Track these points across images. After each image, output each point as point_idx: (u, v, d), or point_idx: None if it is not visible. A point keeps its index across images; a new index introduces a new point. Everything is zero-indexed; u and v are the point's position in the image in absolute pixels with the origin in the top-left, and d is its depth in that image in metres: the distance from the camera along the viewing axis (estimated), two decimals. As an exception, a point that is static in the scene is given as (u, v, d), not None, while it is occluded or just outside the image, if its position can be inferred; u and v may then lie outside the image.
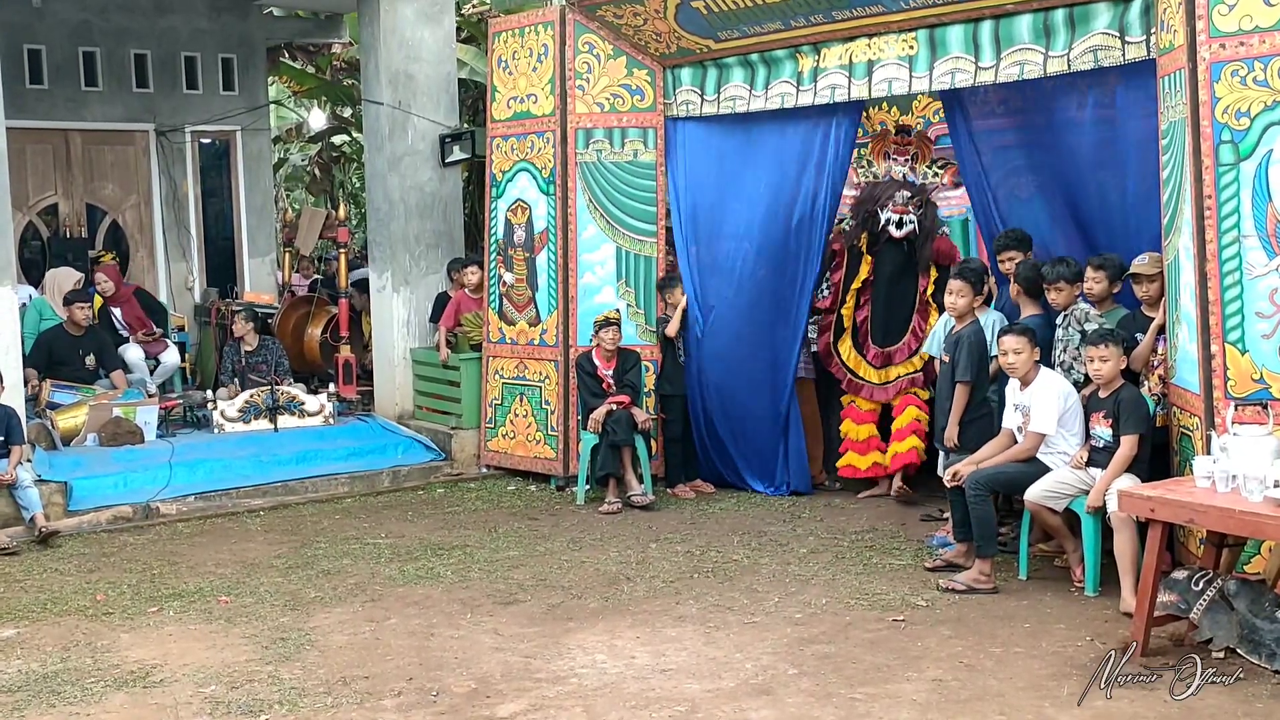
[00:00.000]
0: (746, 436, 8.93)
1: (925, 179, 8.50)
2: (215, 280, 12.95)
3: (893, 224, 8.30)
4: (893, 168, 8.47)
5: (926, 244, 8.36)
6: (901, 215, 8.30)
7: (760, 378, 8.79)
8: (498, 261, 9.56)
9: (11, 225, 8.97)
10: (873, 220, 8.37)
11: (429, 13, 10.32)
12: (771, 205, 8.65)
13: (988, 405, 7.08)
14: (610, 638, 5.87)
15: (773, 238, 8.65)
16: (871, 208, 8.38)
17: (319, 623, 6.19)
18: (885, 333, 8.56)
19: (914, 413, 8.44)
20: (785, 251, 8.60)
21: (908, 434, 8.44)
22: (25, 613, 6.46)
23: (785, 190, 8.56)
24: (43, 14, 11.59)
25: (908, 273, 8.47)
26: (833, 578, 6.74)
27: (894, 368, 8.54)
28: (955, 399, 7.06)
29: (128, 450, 9.22)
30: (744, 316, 8.83)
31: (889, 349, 8.55)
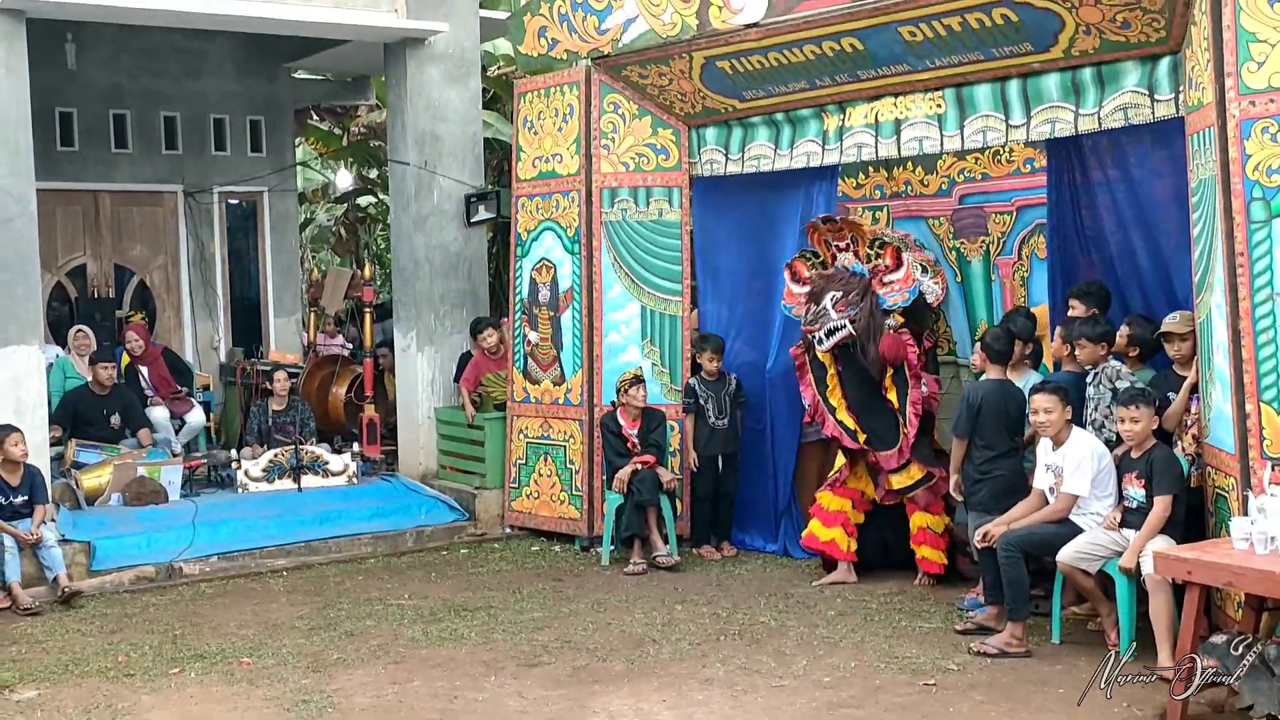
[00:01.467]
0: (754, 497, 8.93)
1: (870, 261, 7.75)
2: (241, 340, 13.00)
3: (815, 340, 7.70)
4: (839, 256, 7.89)
5: (869, 344, 7.57)
6: (824, 328, 7.62)
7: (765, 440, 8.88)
8: (523, 321, 9.56)
9: (40, 286, 9.02)
10: (814, 341, 7.83)
11: (455, 74, 10.40)
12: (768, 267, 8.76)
13: (1006, 464, 6.96)
14: (636, 700, 5.78)
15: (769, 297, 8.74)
16: (805, 329, 7.85)
17: (341, 684, 6.12)
18: (867, 428, 7.84)
19: (922, 519, 7.80)
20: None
21: (920, 543, 7.83)
22: (47, 674, 6.42)
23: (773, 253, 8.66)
24: (75, 77, 11.74)
25: (859, 368, 7.75)
26: (861, 640, 6.64)
27: (894, 477, 7.78)
28: (952, 452, 7.11)
29: (151, 510, 9.21)
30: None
31: (881, 455, 7.80)
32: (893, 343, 7.56)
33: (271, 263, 13.14)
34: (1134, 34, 6.44)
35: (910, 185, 8.98)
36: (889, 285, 7.61)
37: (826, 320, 7.65)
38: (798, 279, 8.10)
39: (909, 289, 7.62)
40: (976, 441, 6.94)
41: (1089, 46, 6.64)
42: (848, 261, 7.85)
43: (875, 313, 7.57)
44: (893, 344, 7.56)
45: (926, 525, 7.81)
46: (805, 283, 8.02)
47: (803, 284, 8.04)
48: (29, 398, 8.68)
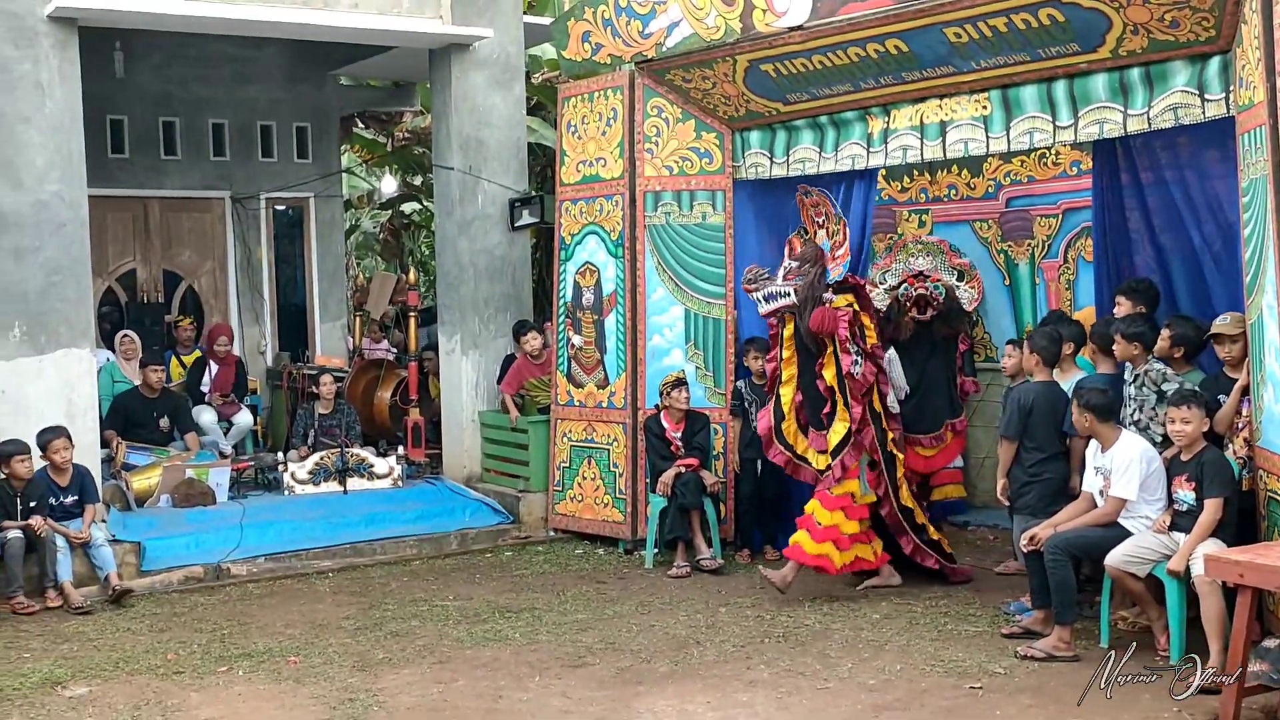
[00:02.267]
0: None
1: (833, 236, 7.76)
2: (287, 344, 13.11)
3: (762, 299, 7.58)
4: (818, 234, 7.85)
5: (803, 316, 7.49)
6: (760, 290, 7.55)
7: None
8: (566, 324, 9.59)
9: (91, 290, 9.14)
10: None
11: (500, 79, 10.46)
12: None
13: (1055, 467, 6.93)
14: (680, 702, 5.78)
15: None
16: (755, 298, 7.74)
17: (387, 684, 6.16)
18: (811, 413, 7.77)
19: (812, 505, 7.66)
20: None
21: (800, 526, 7.68)
22: (98, 671, 6.49)
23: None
24: (125, 85, 11.88)
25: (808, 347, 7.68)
26: (907, 644, 6.60)
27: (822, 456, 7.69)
28: (1000, 455, 7.04)
29: (200, 511, 9.31)
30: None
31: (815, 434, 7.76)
32: (822, 315, 7.45)
33: (317, 268, 13.25)
34: (1183, 33, 6.38)
35: (955, 189, 8.96)
36: (836, 260, 7.67)
37: (767, 285, 7.61)
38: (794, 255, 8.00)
39: (844, 263, 7.66)
40: (1026, 444, 6.90)
41: (1137, 46, 6.58)
42: (822, 238, 7.87)
43: (817, 285, 7.51)
44: (821, 316, 7.44)
45: (813, 509, 7.61)
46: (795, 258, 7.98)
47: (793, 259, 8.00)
48: (80, 400, 8.80)
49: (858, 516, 7.64)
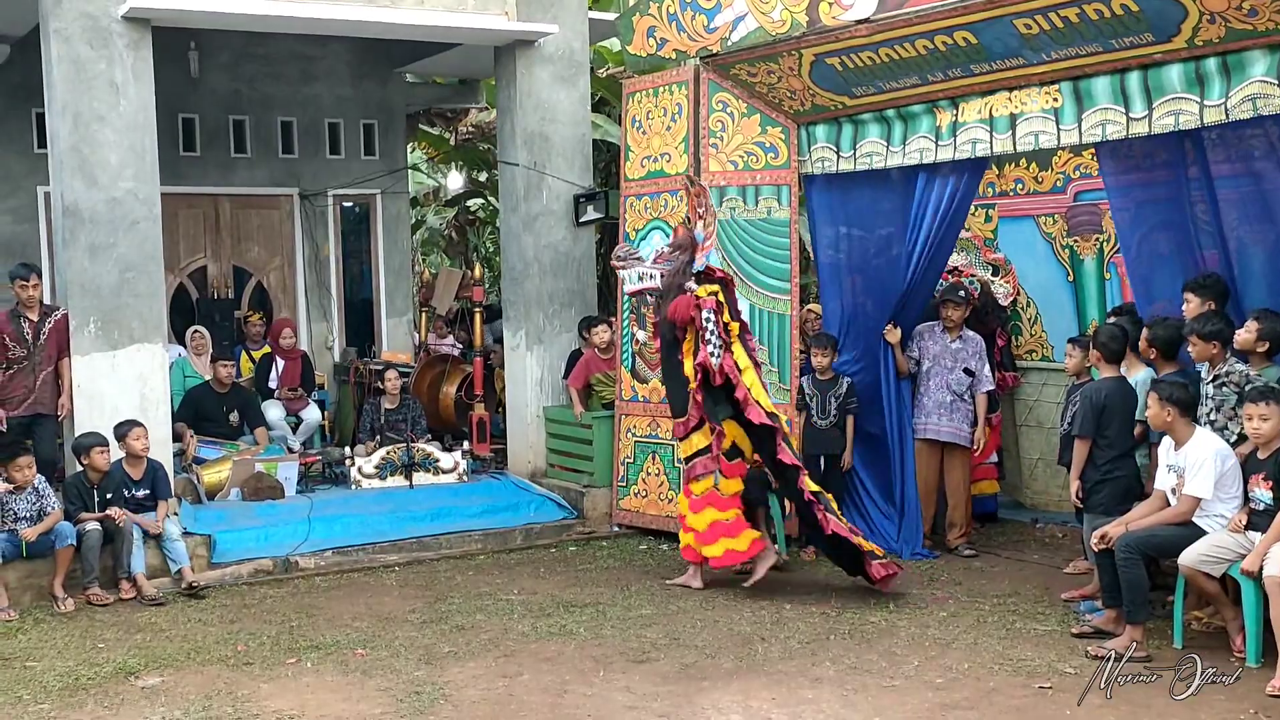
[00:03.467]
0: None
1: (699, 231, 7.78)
2: (354, 340, 13.23)
3: (629, 279, 7.71)
4: (697, 223, 7.82)
5: (664, 303, 7.66)
6: (625, 269, 7.67)
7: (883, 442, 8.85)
8: (631, 320, 9.58)
9: (164, 286, 9.28)
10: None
11: (564, 75, 10.48)
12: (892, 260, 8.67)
13: (1127, 464, 6.84)
14: (745, 698, 5.76)
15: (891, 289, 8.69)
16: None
17: (453, 677, 6.19)
18: (671, 402, 7.94)
19: (682, 505, 7.92)
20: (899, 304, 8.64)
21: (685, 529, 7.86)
22: (170, 661, 6.59)
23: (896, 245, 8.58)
24: (197, 84, 12.06)
25: (669, 334, 7.80)
26: (974, 642, 6.53)
27: (689, 441, 7.82)
28: (1074, 454, 6.90)
29: (269, 505, 9.41)
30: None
31: (677, 421, 7.89)
32: (676, 304, 7.60)
33: (384, 264, 13.35)
34: (1261, 21, 6.23)
35: (1023, 182, 8.83)
36: (703, 249, 7.76)
37: (638, 265, 7.73)
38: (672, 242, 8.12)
39: (707, 253, 7.74)
40: (1098, 442, 6.78)
41: (1213, 35, 6.44)
42: (699, 228, 7.88)
43: (682, 273, 7.63)
44: (675, 305, 7.61)
45: (684, 510, 7.86)
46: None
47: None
48: (153, 394, 8.93)
49: (728, 506, 7.76)
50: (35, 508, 7.86)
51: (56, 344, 8.76)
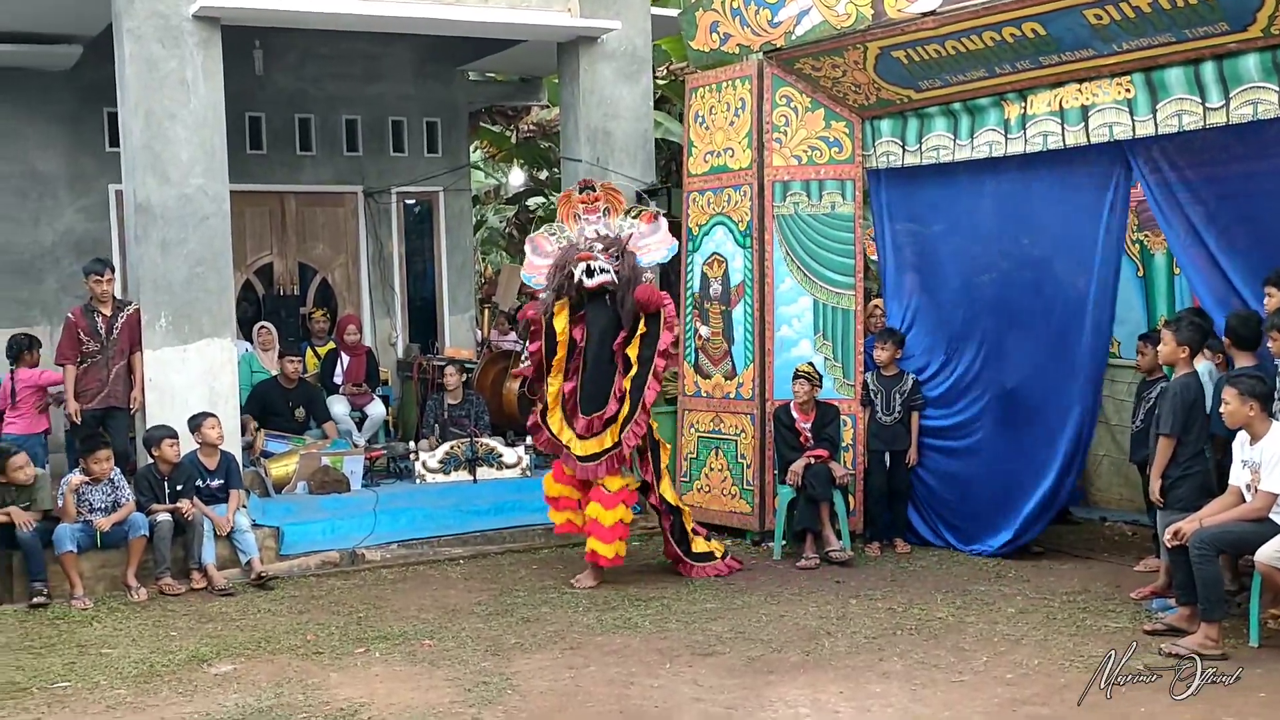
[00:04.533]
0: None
1: (621, 231, 8.05)
2: (417, 336, 13.34)
3: (583, 273, 7.78)
4: (585, 228, 8.08)
5: (628, 294, 7.82)
6: (589, 262, 7.77)
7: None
8: (694, 315, 9.58)
9: (232, 282, 9.40)
10: (568, 283, 7.87)
11: (627, 71, 10.50)
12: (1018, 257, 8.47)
13: (1204, 460, 6.73)
14: (813, 691, 5.74)
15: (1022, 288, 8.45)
16: (566, 270, 7.86)
17: (519, 668, 6.22)
18: (593, 400, 7.95)
19: (594, 510, 7.87)
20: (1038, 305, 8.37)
21: (589, 531, 7.90)
22: (241, 649, 6.68)
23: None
24: (263, 83, 12.20)
25: (610, 330, 7.92)
26: (1044, 638, 6.47)
27: (599, 438, 7.87)
28: (1158, 452, 6.76)
29: (335, 498, 9.51)
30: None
31: (593, 415, 7.92)
32: (648, 289, 7.89)
33: (447, 261, 13.44)
34: (1340, 9, 6.13)
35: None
36: (645, 246, 8.02)
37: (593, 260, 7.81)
38: (539, 252, 8.24)
39: (668, 247, 8.11)
40: (1181, 438, 6.64)
41: (1291, 24, 6.34)
42: (592, 231, 8.05)
43: (635, 268, 7.90)
44: (648, 290, 7.87)
45: (594, 516, 7.85)
46: (546, 255, 8.19)
47: (545, 257, 8.20)
48: (222, 388, 9.06)
49: (633, 502, 8.07)
50: (110, 499, 8.00)
51: (129, 338, 8.91)
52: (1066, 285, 8.11)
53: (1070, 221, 8.03)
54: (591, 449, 7.90)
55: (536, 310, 8.07)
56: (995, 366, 8.56)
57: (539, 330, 8.06)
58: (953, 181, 8.60)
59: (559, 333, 7.99)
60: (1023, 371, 8.40)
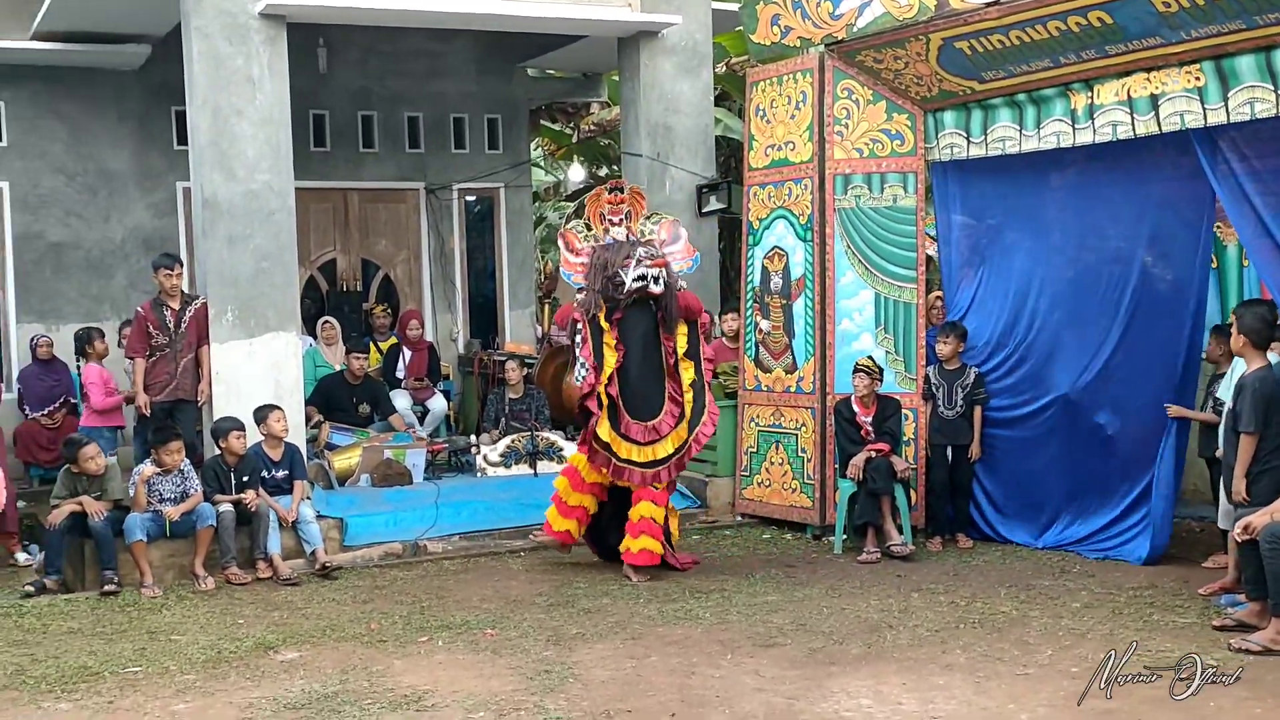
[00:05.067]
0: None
1: (645, 236, 8.11)
2: (478, 331, 13.42)
3: (651, 280, 7.78)
4: (611, 229, 8.09)
5: (673, 301, 7.87)
6: (660, 268, 7.80)
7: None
8: (754, 309, 9.57)
9: (297, 277, 9.51)
10: (614, 286, 7.80)
11: (688, 66, 10.50)
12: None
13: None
14: (875, 683, 5.71)
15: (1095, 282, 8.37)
16: (612, 272, 7.80)
17: (581, 657, 6.25)
18: (645, 406, 7.90)
19: (648, 509, 7.86)
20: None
21: (639, 532, 7.85)
22: (307, 638, 6.76)
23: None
24: (327, 81, 12.34)
25: (654, 337, 7.94)
26: (1110, 633, 6.39)
27: (660, 444, 7.87)
28: (1240, 450, 6.61)
29: (398, 491, 9.60)
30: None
31: (652, 422, 7.88)
32: (691, 297, 8.05)
33: (507, 257, 13.51)
34: None
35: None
36: (671, 255, 8.07)
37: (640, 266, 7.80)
38: (571, 249, 8.18)
39: (692, 258, 8.20)
40: (1263, 433, 6.50)
41: (1365, 8, 6.23)
42: (620, 235, 8.06)
43: (672, 273, 7.95)
44: (691, 298, 8.03)
45: (650, 515, 7.85)
46: (579, 253, 8.14)
47: (577, 254, 8.15)
48: (287, 381, 9.17)
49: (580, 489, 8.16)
50: (179, 489, 8.13)
51: (197, 332, 9.05)
52: (1154, 278, 8.01)
53: (1147, 212, 7.93)
54: (651, 455, 7.88)
55: (579, 311, 7.97)
56: (1064, 359, 8.46)
57: (586, 331, 7.93)
58: (1019, 173, 8.53)
59: (605, 335, 7.90)
60: (1094, 365, 8.30)
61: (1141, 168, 7.97)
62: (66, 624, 7.15)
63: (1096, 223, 8.31)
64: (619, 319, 7.89)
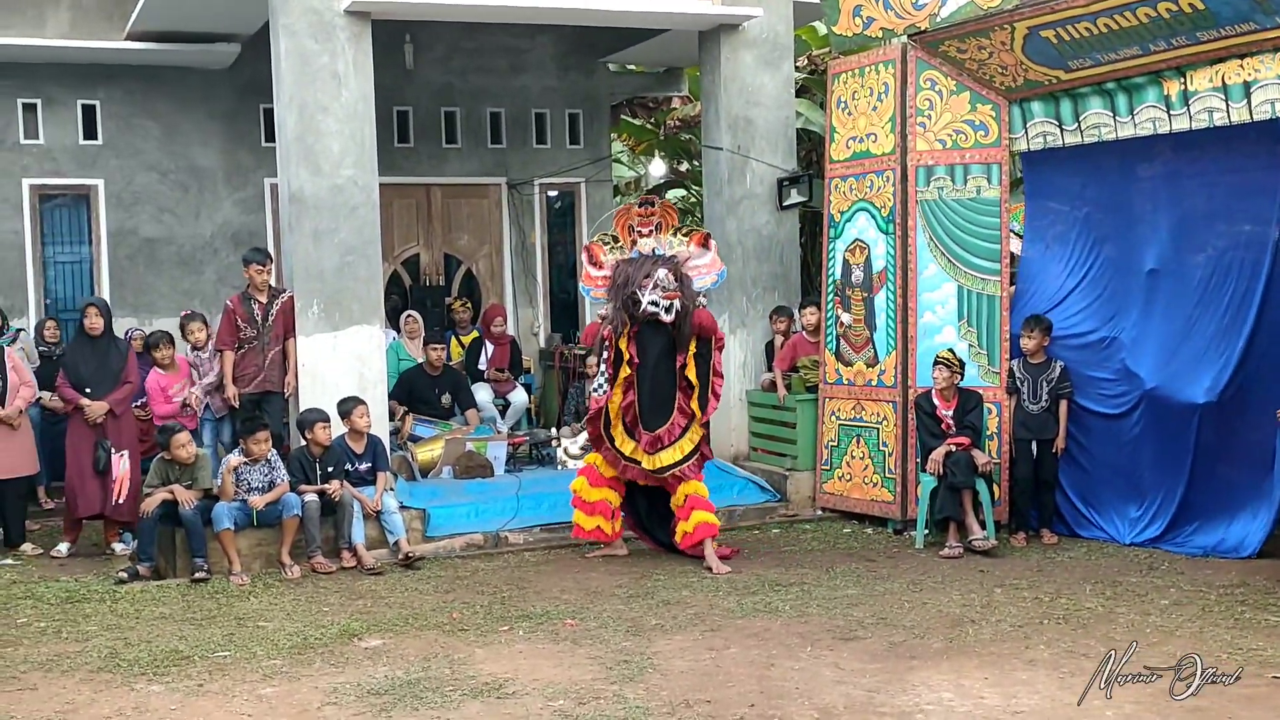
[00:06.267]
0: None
1: (673, 248, 8.19)
2: (559, 326, 13.49)
3: (662, 310, 7.94)
4: (640, 242, 8.19)
5: (686, 321, 8.02)
6: (671, 300, 7.94)
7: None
8: (835, 302, 9.52)
9: (381, 271, 9.63)
10: (632, 304, 7.99)
11: (769, 58, 10.46)
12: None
13: None
14: (957, 677, 5.66)
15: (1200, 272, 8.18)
16: (630, 291, 7.98)
17: (660, 648, 6.26)
18: (654, 415, 8.20)
19: (690, 487, 8.15)
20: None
21: (689, 511, 8.10)
22: (390, 626, 6.85)
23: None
24: (411, 77, 12.48)
25: (668, 351, 8.14)
26: (1200, 630, 6.27)
27: (664, 453, 8.16)
28: None
29: (479, 483, 9.68)
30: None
31: (658, 431, 8.18)
32: (708, 315, 8.24)
33: (589, 252, 13.54)
34: None
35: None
36: (697, 269, 8.17)
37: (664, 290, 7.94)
38: (595, 262, 8.32)
39: (718, 271, 8.30)
40: None
41: None
42: (649, 248, 8.16)
43: (692, 293, 8.09)
44: (708, 316, 8.23)
45: (694, 491, 8.10)
46: (602, 267, 8.29)
47: (599, 268, 8.30)
48: (371, 374, 9.29)
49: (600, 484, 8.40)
50: (266, 479, 8.27)
51: (284, 325, 9.21)
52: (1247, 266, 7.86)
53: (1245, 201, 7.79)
54: (665, 460, 8.16)
55: (608, 331, 8.23)
56: (1160, 350, 8.29)
57: (612, 348, 8.23)
58: (1112, 162, 8.39)
59: (623, 350, 8.17)
60: (1182, 354, 8.14)
61: (1213, 156, 7.85)
62: (158, 609, 7.32)
63: (1194, 211, 8.13)
64: (636, 332, 8.14)
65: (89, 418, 8.72)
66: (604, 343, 8.31)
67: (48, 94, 11.78)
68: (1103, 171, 8.56)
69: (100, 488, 8.72)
